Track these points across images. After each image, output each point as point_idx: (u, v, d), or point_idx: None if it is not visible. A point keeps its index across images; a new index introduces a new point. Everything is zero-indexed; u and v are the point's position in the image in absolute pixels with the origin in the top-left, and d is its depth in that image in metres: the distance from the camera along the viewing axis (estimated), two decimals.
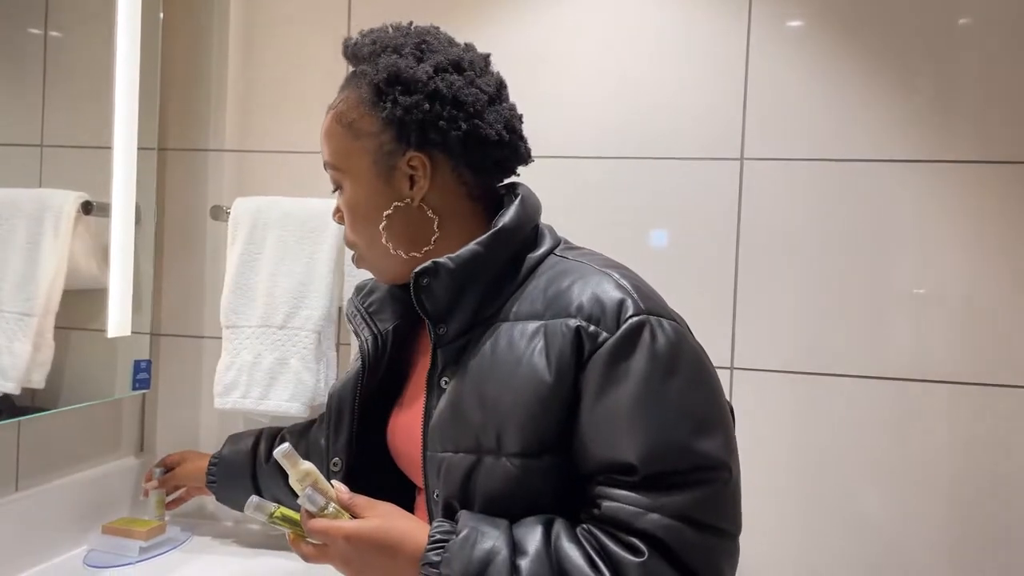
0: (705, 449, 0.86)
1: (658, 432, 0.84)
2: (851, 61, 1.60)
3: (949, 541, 1.56)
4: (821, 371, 1.60)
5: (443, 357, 0.96)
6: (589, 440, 0.87)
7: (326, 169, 1.04)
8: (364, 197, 1.00)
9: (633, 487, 0.84)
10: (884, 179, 1.58)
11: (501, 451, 0.88)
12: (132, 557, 1.56)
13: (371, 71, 0.98)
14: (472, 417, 0.90)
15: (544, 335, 0.89)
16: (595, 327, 0.87)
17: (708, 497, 0.85)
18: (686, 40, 1.66)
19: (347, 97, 1.01)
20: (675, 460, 0.84)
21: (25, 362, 1.47)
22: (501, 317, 0.94)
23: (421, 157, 0.98)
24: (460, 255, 0.93)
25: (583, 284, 0.91)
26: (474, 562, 0.82)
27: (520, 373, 0.89)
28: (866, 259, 1.59)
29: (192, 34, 1.84)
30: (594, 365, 0.87)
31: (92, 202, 1.59)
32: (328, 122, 1.02)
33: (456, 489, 0.91)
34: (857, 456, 1.59)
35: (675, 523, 0.83)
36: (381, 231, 0.99)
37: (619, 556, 0.82)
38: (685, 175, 1.65)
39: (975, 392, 1.55)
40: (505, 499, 0.89)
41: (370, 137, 0.98)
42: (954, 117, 1.56)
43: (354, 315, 1.11)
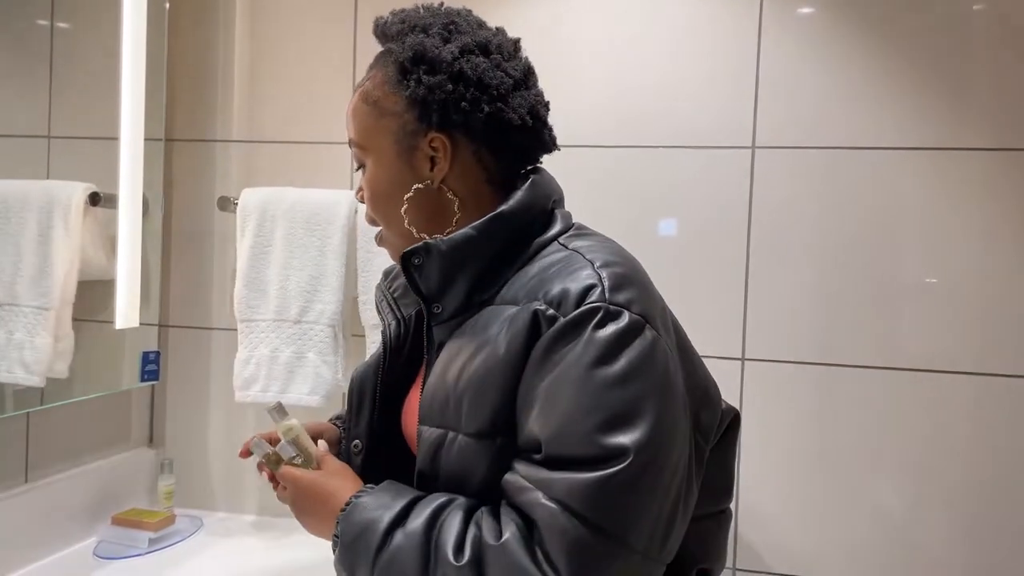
0: (610, 440, 0.80)
1: (568, 417, 0.82)
2: (862, 48, 1.58)
3: (963, 530, 1.55)
4: (832, 362, 1.59)
5: (438, 335, 0.98)
6: (520, 417, 0.87)
7: (351, 147, 1.03)
8: (385, 176, 1.00)
9: (533, 463, 0.84)
10: (896, 167, 1.57)
11: (460, 428, 0.90)
12: (141, 549, 1.56)
13: (397, 49, 0.97)
14: (442, 394, 0.92)
15: (510, 320, 0.89)
16: (553, 311, 0.85)
17: (597, 488, 0.79)
18: (697, 28, 1.64)
19: (374, 75, 1.00)
20: (576, 446, 0.81)
21: (48, 355, 1.49)
22: (495, 300, 0.94)
23: (442, 138, 0.97)
24: (453, 238, 0.93)
25: (565, 271, 0.89)
26: (355, 525, 0.89)
27: (480, 354, 0.90)
28: (878, 248, 1.58)
29: (199, 24, 1.83)
30: (539, 346, 0.86)
31: (100, 193, 1.59)
32: (355, 100, 1.02)
33: (427, 464, 0.93)
34: (868, 446, 1.58)
35: (553, 506, 0.79)
36: (400, 211, 0.99)
37: (484, 539, 0.82)
38: (696, 164, 1.64)
39: (987, 382, 1.54)
40: (463, 477, 0.90)
41: (393, 116, 0.98)
42: (967, 104, 1.54)
43: (381, 300, 1.11)
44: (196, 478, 1.85)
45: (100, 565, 1.51)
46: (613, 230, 1.06)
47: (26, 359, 1.47)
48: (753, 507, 1.63)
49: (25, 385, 1.48)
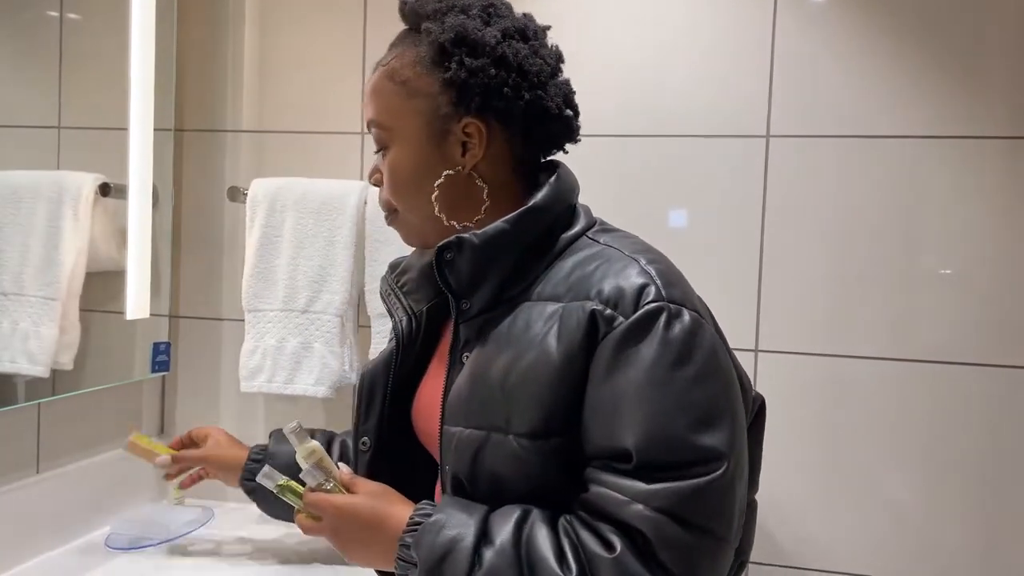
0: (704, 444, 0.82)
1: (658, 421, 0.81)
2: (877, 35, 1.56)
3: (976, 523, 1.53)
4: (846, 353, 1.58)
5: (465, 332, 0.95)
6: (591, 422, 0.85)
7: (370, 128, 1.00)
8: (412, 159, 0.96)
9: (625, 474, 0.82)
10: (912, 156, 1.55)
11: (508, 430, 0.87)
12: (152, 539, 1.56)
13: (436, 29, 0.93)
14: (483, 394, 0.90)
15: (560, 318, 0.88)
16: (611, 311, 0.85)
17: (700, 494, 0.80)
18: (710, 15, 1.62)
19: (402, 54, 0.97)
20: (672, 451, 0.81)
21: (52, 345, 1.49)
22: (525, 296, 0.93)
23: (478, 124, 0.95)
24: (486, 232, 0.91)
25: (607, 269, 0.89)
26: (437, 547, 0.84)
27: (531, 354, 0.87)
28: (893, 239, 1.56)
29: (208, 13, 1.82)
30: (604, 348, 0.85)
31: (110, 184, 1.58)
32: (377, 78, 0.98)
33: (465, 465, 0.90)
34: (881, 437, 1.57)
35: (659, 516, 0.79)
36: (426, 197, 0.96)
37: (592, 551, 0.80)
38: (710, 153, 1.62)
39: (1002, 374, 1.52)
40: (510, 479, 0.88)
41: (426, 98, 0.95)
42: (984, 92, 1.52)
43: (388, 293, 1.09)
44: None
45: (111, 556, 1.51)
46: (625, 221, 1.05)
47: (31, 349, 1.47)
48: (766, 497, 1.61)
49: (29, 375, 1.48)
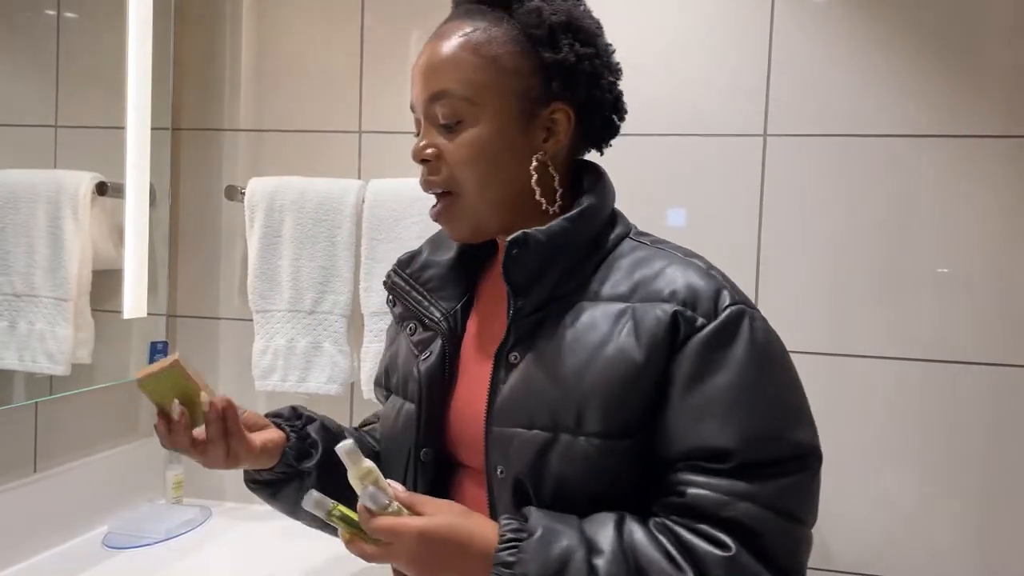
0: (798, 438, 0.85)
1: (757, 419, 0.83)
2: (875, 35, 1.56)
3: (974, 520, 1.54)
4: (844, 352, 1.58)
5: (516, 331, 0.91)
6: (679, 424, 0.85)
7: (435, 100, 0.92)
8: (496, 138, 0.91)
9: (724, 474, 0.82)
10: (909, 155, 1.55)
11: (580, 430, 0.85)
12: (150, 538, 1.56)
13: (546, 9, 0.91)
14: (550, 394, 0.87)
15: (632, 317, 0.87)
16: (692, 312, 0.86)
17: (798, 487, 0.84)
18: (709, 15, 1.62)
19: (487, 29, 0.92)
20: (771, 448, 0.83)
21: (70, 344, 1.52)
22: (580, 296, 0.91)
23: (568, 111, 0.93)
24: (551, 228, 0.89)
25: (673, 271, 0.89)
26: (551, 562, 0.79)
27: (607, 353, 0.86)
28: (890, 237, 1.56)
29: (206, 11, 1.82)
30: (691, 350, 0.85)
31: (107, 183, 1.58)
32: (454, 48, 0.91)
33: (527, 467, 0.87)
34: (879, 436, 1.57)
35: (767, 512, 0.81)
36: (504, 179, 0.93)
37: (702, 550, 0.80)
38: (707, 152, 1.62)
39: (999, 372, 1.52)
40: (579, 480, 0.86)
41: (518, 77, 0.91)
42: (982, 91, 1.52)
43: (405, 291, 1.03)
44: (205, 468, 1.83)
45: (110, 555, 1.51)
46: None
47: (49, 349, 1.50)
48: None
49: (51, 374, 1.51)
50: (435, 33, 0.95)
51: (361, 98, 1.77)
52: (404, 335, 1.03)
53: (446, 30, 0.93)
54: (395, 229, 1.65)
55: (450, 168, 0.92)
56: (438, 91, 0.91)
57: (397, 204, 1.65)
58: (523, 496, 0.88)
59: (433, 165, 0.93)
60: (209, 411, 0.93)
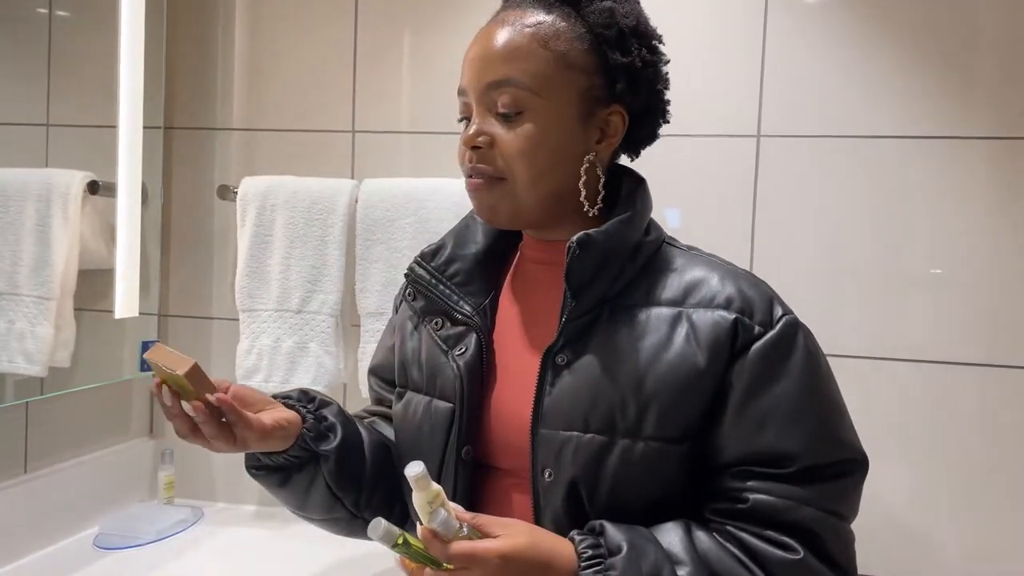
0: (852, 442, 0.90)
1: (818, 424, 0.87)
2: (868, 36, 1.57)
3: (966, 520, 1.54)
4: (837, 352, 1.58)
5: (567, 333, 0.91)
6: (738, 430, 0.87)
7: (496, 88, 0.90)
8: (557, 132, 0.91)
9: (785, 479, 0.85)
10: (901, 156, 1.56)
11: (640, 433, 0.86)
12: (141, 539, 1.56)
13: (620, 11, 0.91)
14: (608, 396, 0.87)
15: (689, 322, 0.89)
16: (750, 320, 0.88)
17: (850, 488, 0.89)
18: (703, 18, 1.63)
19: (555, 23, 0.91)
20: (831, 451, 0.87)
21: (49, 345, 1.49)
22: (628, 300, 0.92)
23: (623, 114, 0.94)
24: (608, 230, 0.90)
25: (722, 278, 0.92)
26: None
27: (667, 357, 0.87)
28: (883, 238, 1.57)
29: (198, 10, 1.81)
30: (752, 358, 0.87)
31: (98, 182, 1.58)
32: (521, 39, 0.90)
33: (584, 471, 0.87)
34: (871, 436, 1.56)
35: (826, 516, 0.85)
36: (559, 173, 0.93)
37: (771, 555, 0.82)
38: (701, 152, 1.63)
39: (988, 373, 1.53)
40: (635, 484, 0.86)
41: (583, 74, 0.91)
42: (972, 92, 1.53)
43: (432, 284, 1.00)
44: (196, 468, 1.84)
45: (100, 555, 1.51)
46: None
47: (27, 348, 1.47)
48: None
49: (27, 375, 1.48)
50: (495, 19, 0.94)
51: (354, 98, 1.77)
52: (428, 329, 1.01)
53: (509, 17, 0.92)
54: (389, 229, 1.64)
55: (504, 158, 0.91)
56: (502, 79, 0.90)
57: (391, 204, 1.64)
58: (575, 500, 0.87)
59: (485, 153, 0.91)
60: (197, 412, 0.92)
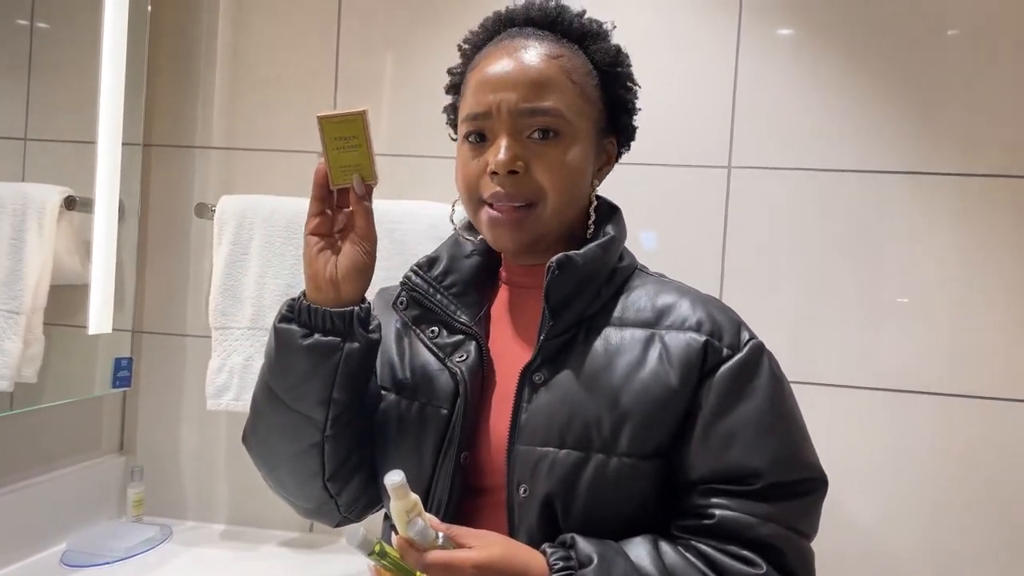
0: (814, 461, 0.93)
1: (782, 443, 0.90)
2: (839, 71, 1.61)
3: (928, 546, 1.57)
4: (806, 380, 1.61)
5: (544, 352, 0.93)
6: (706, 448, 0.89)
7: (533, 115, 0.92)
8: (583, 160, 0.95)
9: (750, 496, 0.87)
10: (870, 190, 1.60)
11: (614, 449, 0.89)
12: (109, 557, 1.55)
13: (624, 54, 1.01)
14: (584, 413, 0.90)
15: (662, 343, 0.92)
16: (719, 343, 0.92)
17: (812, 506, 0.92)
18: (676, 47, 1.66)
19: (571, 57, 0.95)
20: (794, 470, 0.90)
21: (16, 359, 1.48)
22: (603, 321, 0.96)
23: (615, 143, 1.02)
24: (587, 253, 0.94)
25: (692, 303, 0.96)
26: None
27: (641, 376, 0.90)
28: (851, 269, 1.60)
29: (180, 28, 1.83)
30: (720, 379, 0.91)
31: (75, 197, 1.58)
32: (551, 70, 0.93)
33: (559, 486, 0.88)
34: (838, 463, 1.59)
35: (790, 532, 0.88)
36: (583, 199, 0.98)
37: (733, 568, 0.85)
38: (672, 182, 1.66)
39: (958, 403, 1.57)
40: (609, 499, 0.89)
41: (595, 107, 0.97)
42: (940, 130, 1.58)
43: (429, 293, 1.01)
44: (166, 486, 1.83)
45: (67, 572, 1.50)
46: None
47: None
48: None
49: None
50: (510, 47, 0.95)
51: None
52: (421, 337, 1.01)
53: (527, 45, 0.94)
54: None
55: (540, 182, 0.93)
56: (541, 108, 0.92)
57: None
58: (550, 515, 0.89)
59: (520, 178, 0.93)
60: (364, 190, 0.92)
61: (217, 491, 1.83)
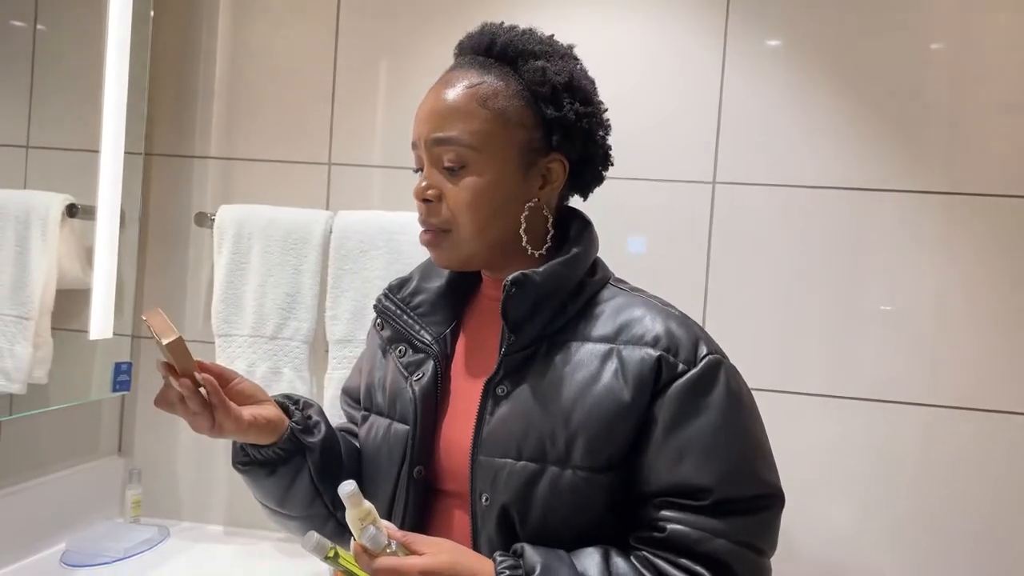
0: (768, 478, 0.94)
1: (733, 460, 0.91)
2: (824, 88, 1.65)
3: (909, 555, 1.62)
4: (788, 389, 1.65)
5: (506, 365, 0.97)
6: (659, 462, 0.91)
7: (441, 144, 0.97)
8: (498, 185, 0.97)
9: (701, 511, 0.89)
10: (853, 206, 1.64)
11: (568, 462, 0.91)
12: (108, 557, 1.58)
13: (551, 69, 0.98)
14: (539, 427, 0.93)
15: (619, 358, 0.94)
16: (674, 359, 0.93)
17: (766, 523, 0.93)
18: (662, 70, 1.70)
19: (494, 83, 0.98)
20: (744, 486, 0.91)
21: (27, 363, 1.53)
22: (566, 336, 0.98)
23: (563, 162, 1.00)
24: (546, 270, 0.96)
25: (653, 318, 0.97)
26: None
27: (595, 390, 0.93)
28: (834, 283, 1.64)
29: (181, 40, 1.86)
30: (674, 394, 0.92)
31: (77, 205, 1.61)
32: (462, 99, 0.97)
33: (515, 496, 0.92)
34: (826, 473, 1.65)
35: (740, 548, 0.89)
36: (503, 221, 0.99)
37: None
38: (657, 197, 1.70)
39: (940, 414, 1.61)
40: (564, 510, 0.91)
41: (522, 129, 0.98)
42: (922, 148, 1.61)
43: (396, 314, 1.07)
44: (164, 488, 1.87)
45: (67, 572, 1.53)
46: None
47: (6, 367, 1.50)
48: None
49: (5, 392, 1.51)
50: (441, 80, 1.00)
51: (331, 131, 1.82)
52: (393, 357, 1.06)
53: (453, 78, 0.99)
54: (361, 260, 1.70)
55: (450, 209, 0.97)
56: (445, 137, 0.97)
57: (364, 236, 1.70)
58: (508, 524, 0.93)
59: (434, 206, 0.98)
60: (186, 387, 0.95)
61: (214, 493, 1.86)
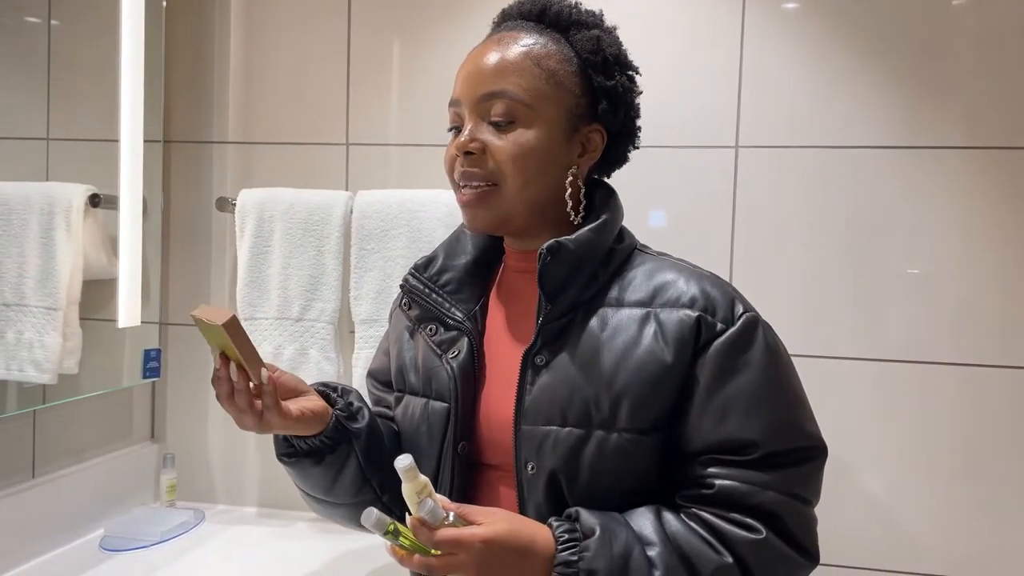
0: (811, 430, 0.96)
1: (778, 413, 0.93)
2: (844, 47, 1.62)
3: (946, 515, 1.61)
4: (817, 354, 1.64)
5: (544, 335, 0.97)
6: (704, 421, 0.93)
7: (492, 98, 0.97)
8: (546, 144, 0.98)
9: (749, 465, 0.91)
10: (877, 165, 1.62)
11: (614, 426, 0.92)
12: (146, 541, 1.61)
13: (605, 40, 1.01)
14: (583, 393, 0.94)
15: (656, 321, 0.95)
16: (712, 318, 0.94)
17: (811, 474, 0.95)
18: (681, 34, 1.68)
19: (547, 45, 0.99)
20: (791, 438, 0.93)
21: (57, 353, 1.54)
22: (600, 302, 0.98)
23: (603, 133, 1.02)
24: (579, 237, 0.97)
25: (687, 280, 0.98)
26: (616, 558, 0.86)
27: (637, 354, 0.93)
28: (860, 243, 1.63)
29: (195, 27, 1.86)
30: (714, 352, 0.93)
31: (100, 195, 1.62)
32: (516, 56, 0.98)
33: (562, 462, 0.93)
34: (854, 435, 1.64)
35: (788, 499, 0.91)
36: (546, 182, 0.99)
37: (736, 535, 0.88)
38: (679, 163, 1.68)
39: (964, 372, 1.59)
40: (611, 473, 0.93)
41: (570, 94, 0.99)
42: (946, 103, 1.59)
43: (425, 293, 1.07)
44: (197, 472, 1.89)
45: (106, 557, 1.55)
46: None
47: (36, 358, 1.52)
48: None
49: (37, 383, 1.53)
50: (491, 39, 1.01)
51: (348, 111, 1.82)
52: (423, 336, 1.07)
53: (504, 38, 1.00)
54: (383, 239, 1.70)
55: (496, 163, 0.97)
56: (498, 90, 0.97)
57: (385, 215, 1.70)
58: (555, 491, 0.94)
59: (477, 158, 0.98)
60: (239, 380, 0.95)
61: (247, 475, 1.88)
